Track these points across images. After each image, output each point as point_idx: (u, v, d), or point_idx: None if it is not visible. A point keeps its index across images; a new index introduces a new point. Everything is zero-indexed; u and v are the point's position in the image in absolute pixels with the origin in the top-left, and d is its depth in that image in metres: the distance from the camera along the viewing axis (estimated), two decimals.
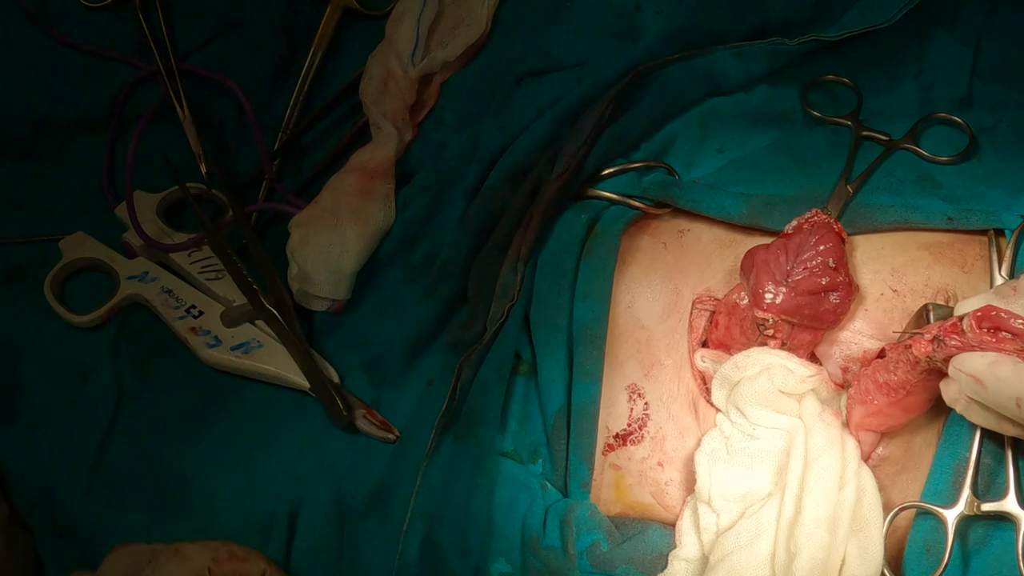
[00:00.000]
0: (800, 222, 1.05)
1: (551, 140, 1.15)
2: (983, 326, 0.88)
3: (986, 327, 0.88)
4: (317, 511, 1.08)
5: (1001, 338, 0.87)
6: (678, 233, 1.14)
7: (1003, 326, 0.87)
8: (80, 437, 1.13)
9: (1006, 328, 0.87)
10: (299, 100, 1.28)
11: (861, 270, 1.05)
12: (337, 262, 1.14)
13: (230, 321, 1.16)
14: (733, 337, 1.06)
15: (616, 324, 1.10)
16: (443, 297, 1.13)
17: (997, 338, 0.87)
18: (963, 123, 1.12)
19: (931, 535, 0.95)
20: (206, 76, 1.28)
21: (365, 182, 1.17)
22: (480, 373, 1.07)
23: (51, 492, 1.11)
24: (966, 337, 0.88)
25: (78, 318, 1.17)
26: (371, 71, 1.22)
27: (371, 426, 1.10)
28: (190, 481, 1.11)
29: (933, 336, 0.90)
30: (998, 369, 0.86)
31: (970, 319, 0.88)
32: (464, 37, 1.23)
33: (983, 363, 0.87)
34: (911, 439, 1.02)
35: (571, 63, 1.21)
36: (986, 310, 0.88)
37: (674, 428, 1.07)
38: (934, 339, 0.90)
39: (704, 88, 1.19)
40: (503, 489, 1.06)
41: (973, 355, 0.88)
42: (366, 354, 1.15)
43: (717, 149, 1.18)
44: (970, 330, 0.88)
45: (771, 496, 0.98)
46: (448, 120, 1.22)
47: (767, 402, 1.00)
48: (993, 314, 0.88)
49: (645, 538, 1.03)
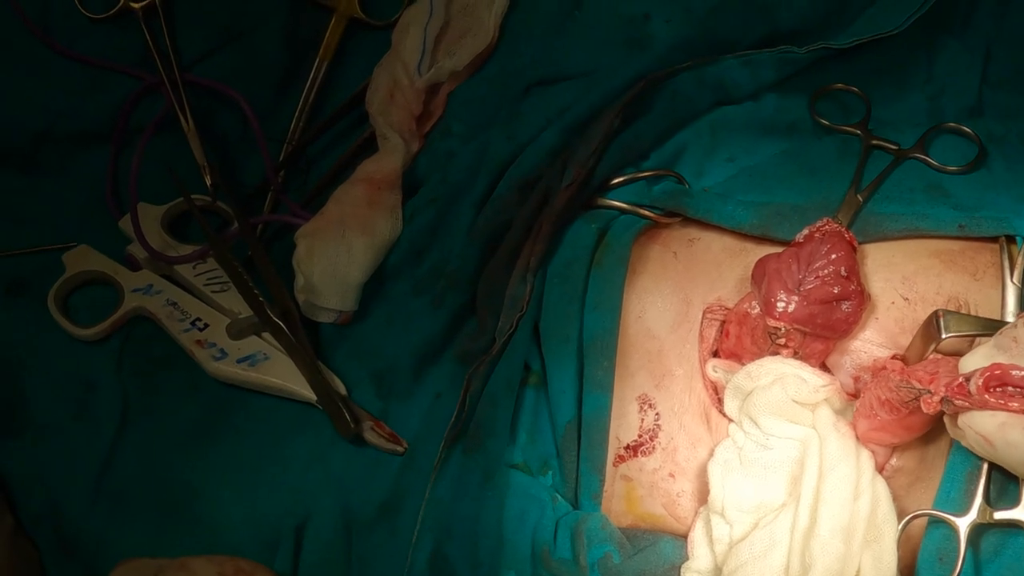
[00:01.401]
0: (811, 231, 1.04)
1: (560, 149, 1.14)
2: (991, 385, 0.88)
3: (994, 385, 0.88)
4: (324, 524, 1.08)
5: (1009, 394, 0.87)
6: (688, 242, 1.13)
7: (1011, 381, 0.87)
8: (85, 451, 1.12)
9: (1012, 383, 0.87)
10: (304, 111, 1.28)
11: (872, 278, 1.05)
12: (344, 273, 1.13)
13: (236, 333, 1.15)
14: (744, 347, 1.05)
15: (627, 334, 1.10)
16: (451, 308, 1.13)
17: (1006, 396, 0.87)
18: (972, 133, 1.12)
19: (944, 543, 0.95)
20: (210, 87, 1.27)
21: (372, 193, 1.16)
22: (489, 384, 1.07)
23: (56, 506, 1.11)
24: (973, 399, 0.88)
25: (82, 331, 1.16)
26: (377, 81, 1.21)
27: (379, 438, 1.10)
28: (196, 495, 1.11)
29: (941, 398, 0.90)
30: (1008, 432, 0.87)
31: (977, 381, 0.88)
32: (471, 47, 1.22)
33: (993, 424, 0.88)
34: (925, 450, 1.01)
35: (579, 72, 1.20)
36: (992, 369, 0.88)
37: (686, 439, 1.06)
38: (942, 400, 0.90)
39: (714, 97, 1.18)
40: (513, 501, 1.06)
41: (983, 415, 0.88)
42: (373, 366, 1.14)
43: (727, 158, 1.17)
44: (977, 392, 0.88)
45: (785, 507, 0.97)
46: (456, 130, 1.21)
47: (780, 412, 0.99)
48: (999, 372, 0.88)
49: (657, 550, 1.02)
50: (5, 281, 1.21)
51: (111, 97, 1.27)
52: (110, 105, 1.27)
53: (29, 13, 1.28)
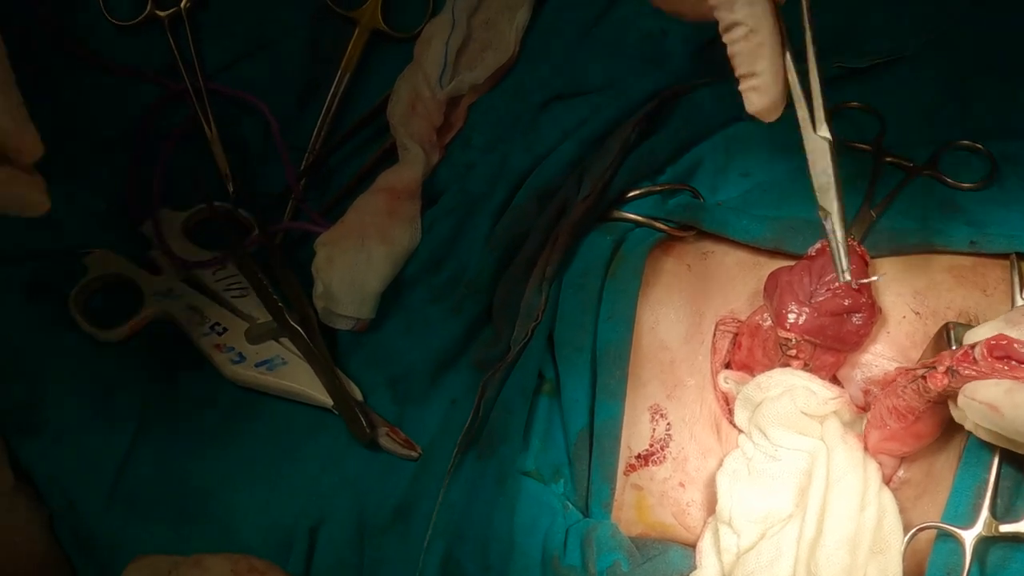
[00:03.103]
0: (824, 244, 1.05)
1: (577, 162, 1.15)
2: (995, 355, 0.88)
3: (998, 355, 0.88)
4: (338, 527, 1.08)
5: (1013, 366, 0.87)
6: (702, 255, 1.14)
7: (1014, 355, 0.87)
8: (103, 452, 1.13)
9: (1016, 357, 0.87)
10: (326, 121, 1.29)
11: (883, 292, 1.06)
12: (362, 282, 1.14)
13: (254, 338, 1.16)
14: (756, 359, 1.06)
15: (640, 345, 1.11)
16: (468, 316, 1.14)
17: (1010, 366, 0.87)
18: (985, 150, 1.13)
19: (951, 557, 0.95)
20: (233, 96, 1.28)
21: (391, 203, 1.17)
22: (503, 392, 1.08)
23: (73, 505, 1.12)
24: (979, 366, 0.88)
25: (104, 334, 1.17)
26: (399, 93, 1.22)
27: (394, 444, 1.11)
28: (211, 496, 1.11)
29: (947, 367, 0.90)
30: (1016, 396, 0.85)
31: (982, 348, 0.88)
32: (492, 60, 1.24)
33: (999, 391, 0.86)
34: (932, 462, 1.02)
35: (597, 86, 1.21)
36: (998, 339, 0.88)
37: (696, 449, 1.07)
38: (948, 370, 0.90)
39: (729, 112, 1.18)
40: (524, 508, 1.06)
41: (987, 383, 0.87)
42: (390, 372, 1.15)
43: (742, 173, 1.18)
44: (982, 359, 0.88)
45: (792, 517, 0.97)
46: (476, 142, 1.23)
47: (789, 423, 1.00)
48: (1004, 343, 0.88)
49: (666, 559, 1.02)
50: (27, 283, 1.21)
51: (135, 103, 1.29)
52: (133, 112, 1.28)
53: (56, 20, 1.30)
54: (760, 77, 0.86)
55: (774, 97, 0.87)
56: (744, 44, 0.86)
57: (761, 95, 0.87)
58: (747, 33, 0.85)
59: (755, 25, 0.85)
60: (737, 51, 0.86)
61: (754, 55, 0.86)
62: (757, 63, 0.86)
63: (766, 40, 0.86)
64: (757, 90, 0.87)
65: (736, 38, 0.86)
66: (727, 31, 0.86)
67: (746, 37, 0.85)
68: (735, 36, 0.86)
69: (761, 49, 0.86)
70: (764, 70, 0.86)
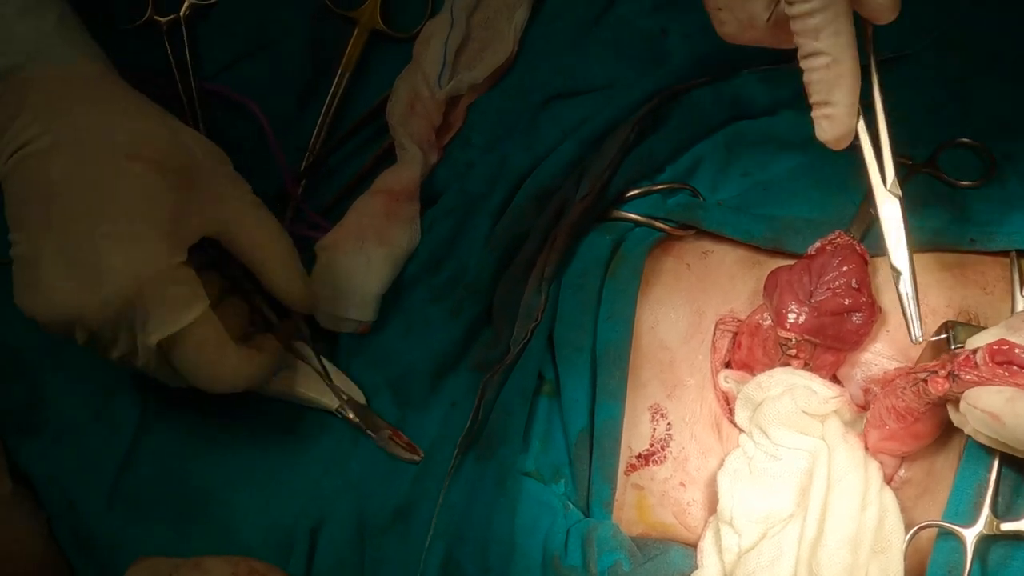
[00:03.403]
0: (823, 244, 1.05)
1: (577, 162, 1.15)
2: (996, 359, 0.88)
3: (999, 360, 0.88)
4: (338, 529, 1.08)
5: (1014, 372, 0.87)
6: (702, 255, 1.14)
7: (1016, 360, 0.87)
8: (103, 453, 1.13)
9: (1018, 362, 0.87)
10: (326, 121, 1.28)
11: (884, 291, 1.05)
12: (363, 284, 1.14)
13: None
14: (755, 358, 1.06)
15: (639, 345, 1.11)
16: (468, 318, 1.13)
17: (1011, 372, 0.87)
18: (985, 148, 1.13)
19: (952, 556, 0.95)
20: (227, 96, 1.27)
21: (390, 204, 1.17)
22: (503, 393, 1.08)
23: (73, 506, 1.12)
24: (980, 371, 0.88)
25: None
26: (398, 92, 1.22)
27: (396, 447, 1.10)
28: (212, 497, 1.11)
29: (948, 372, 0.90)
30: (1017, 405, 0.86)
31: (984, 353, 0.88)
32: (491, 60, 1.23)
33: (1000, 400, 0.87)
34: (933, 461, 1.02)
35: (597, 86, 1.21)
36: (999, 343, 0.88)
37: (696, 448, 1.07)
38: (949, 375, 0.90)
39: (729, 112, 1.19)
40: (525, 509, 1.07)
41: (988, 390, 0.88)
42: (391, 374, 1.14)
43: (742, 172, 1.18)
44: (984, 364, 0.88)
45: (793, 517, 0.98)
46: (475, 141, 1.22)
47: (790, 423, 1.00)
48: (1006, 348, 0.88)
49: (667, 558, 1.02)
50: None
51: None
52: None
53: None
54: (835, 107, 0.88)
55: (847, 128, 0.90)
56: (824, 73, 0.87)
57: (834, 124, 0.89)
58: (829, 63, 0.87)
59: (838, 55, 0.87)
60: (816, 79, 0.88)
61: (832, 85, 0.88)
62: (834, 93, 0.88)
63: (846, 71, 0.87)
64: (831, 119, 0.89)
65: (817, 66, 0.88)
66: (807, 58, 0.88)
67: (827, 66, 0.87)
68: (816, 64, 0.88)
69: (841, 80, 0.88)
70: (840, 100, 0.88)
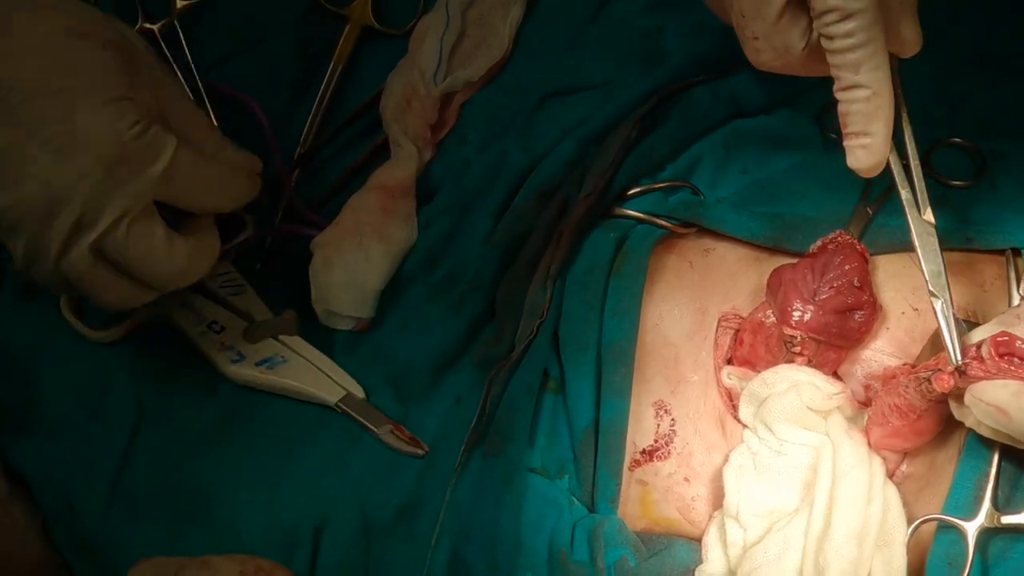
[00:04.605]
0: (824, 242, 1.07)
1: (577, 160, 1.16)
2: (1000, 352, 0.89)
3: (1003, 352, 0.89)
4: (342, 527, 1.08)
5: (1018, 364, 0.88)
6: (704, 252, 1.15)
7: (1018, 352, 0.89)
8: (100, 451, 1.12)
9: (1020, 354, 0.89)
10: (317, 117, 1.28)
11: (883, 289, 1.07)
12: (362, 281, 1.14)
13: (253, 336, 1.15)
14: (758, 355, 1.07)
15: (644, 341, 1.11)
16: (470, 314, 1.13)
17: (1014, 364, 0.89)
18: (976, 148, 1.14)
19: (953, 548, 0.97)
20: (224, 92, 1.27)
21: (386, 200, 1.17)
22: (509, 389, 1.08)
23: (71, 506, 1.11)
24: (987, 365, 0.90)
25: (96, 334, 1.16)
26: (392, 88, 1.22)
27: (399, 441, 1.10)
28: (212, 496, 1.10)
29: (955, 368, 0.92)
30: (1023, 399, 0.87)
31: (988, 346, 0.90)
32: (486, 57, 1.24)
33: (1006, 393, 0.88)
34: (934, 456, 1.03)
35: (594, 84, 1.22)
36: (1002, 335, 0.90)
37: (700, 444, 1.08)
38: (956, 371, 0.92)
39: (727, 110, 1.20)
40: (531, 505, 1.06)
41: (994, 384, 0.89)
42: (390, 370, 1.14)
43: (740, 170, 1.19)
44: (989, 357, 0.90)
45: (798, 511, 0.99)
46: (471, 139, 1.22)
47: (795, 418, 1.01)
48: (1008, 339, 0.89)
49: (672, 553, 1.03)
50: (21, 281, 1.20)
51: None
52: None
53: None
54: (872, 138, 0.91)
55: (881, 158, 0.92)
56: (864, 105, 0.90)
57: (870, 154, 0.92)
58: (869, 95, 0.89)
59: (878, 89, 0.89)
60: (855, 111, 0.90)
61: (871, 117, 0.90)
62: (872, 124, 0.90)
63: (885, 103, 0.90)
64: (867, 148, 0.92)
65: (856, 98, 0.90)
66: (846, 91, 0.90)
67: (867, 99, 0.90)
68: (855, 96, 0.90)
69: (879, 112, 0.90)
70: (877, 132, 0.91)
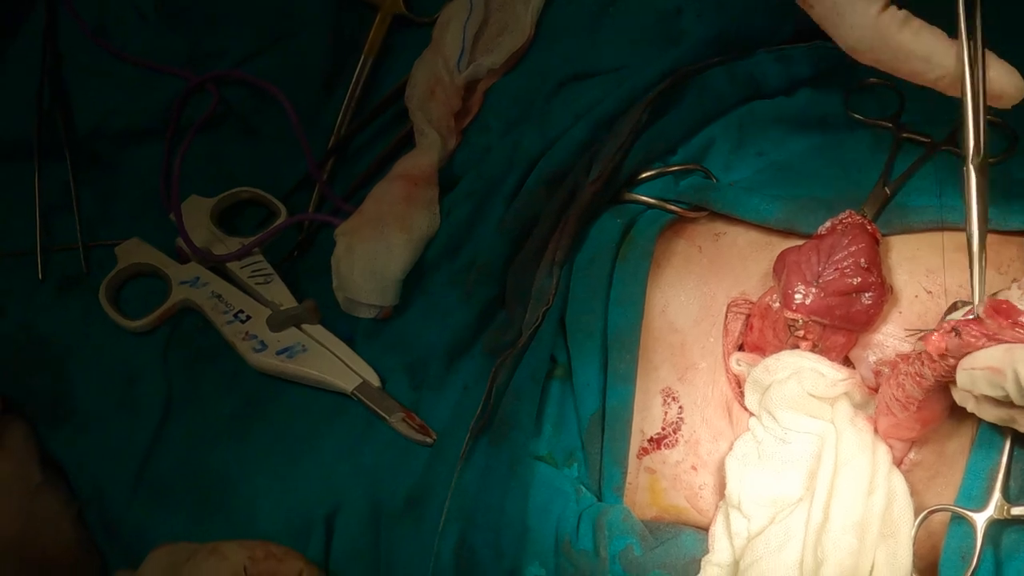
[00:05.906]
0: (834, 223, 1.04)
1: (588, 144, 1.15)
2: (997, 311, 0.86)
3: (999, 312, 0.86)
4: (353, 514, 1.09)
5: (1014, 324, 0.86)
6: (714, 236, 1.13)
7: (1014, 313, 0.86)
8: (128, 440, 1.15)
9: (1015, 314, 0.86)
10: (350, 107, 1.29)
11: (896, 271, 1.04)
12: (383, 269, 1.14)
13: (276, 325, 1.17)
14: (767, 340, 1.05)
15: (650, 328, 1.10)
16: (481, 301, 1.14)
17: (1011, 324, 0.86)
18: (1005, 124, 1.09)
19: (965, 541, 0.94)
20: (253, 84, 1.29)
21: (409, 189, 1.17)
22: (515, 377, 1.08)
23: (100, 493, 1.14)
24: (984, 325, 0.87)
25: (131, 323, 1.19)
26: (416, 77, 1.23)
27: (409, 429, 1.11)
28: (232, 484, 1.13)
29: (952, 327, 0.88)
30: (1015, 352, 0.84)
31: (987, 307, 0.87)
32: (509, 44, 1.24)
33: (998, 351, 0.85)
34: (944, 444, 1.00)
35: (612, 67, 1.21)
36: (997, 300, 0.87)
37: (708, 432, 1.06)
38: (952, 330, 0.88)
39: (744, 91, 1.18)
40: (537, 492, 1.06)
41: (985, 349, 0.86)
42: (408, 358, 1.15)
43: (756, 152, 1.17)
44: (986, 315, 0.87)
45: (801, 501, 0.96)
46: (493, 125, 1.23)
47: (798, 406, 0.98)
48: (1004, 303, 0.87)
49: (678, 542, 1.02)
50: (60, 274, 1.24)
51: (163, 95, 1.31)
52: (161, 103, 1.31)
53: (86, 17, 1.33)
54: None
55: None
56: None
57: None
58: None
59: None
60: None
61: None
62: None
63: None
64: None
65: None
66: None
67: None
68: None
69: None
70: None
